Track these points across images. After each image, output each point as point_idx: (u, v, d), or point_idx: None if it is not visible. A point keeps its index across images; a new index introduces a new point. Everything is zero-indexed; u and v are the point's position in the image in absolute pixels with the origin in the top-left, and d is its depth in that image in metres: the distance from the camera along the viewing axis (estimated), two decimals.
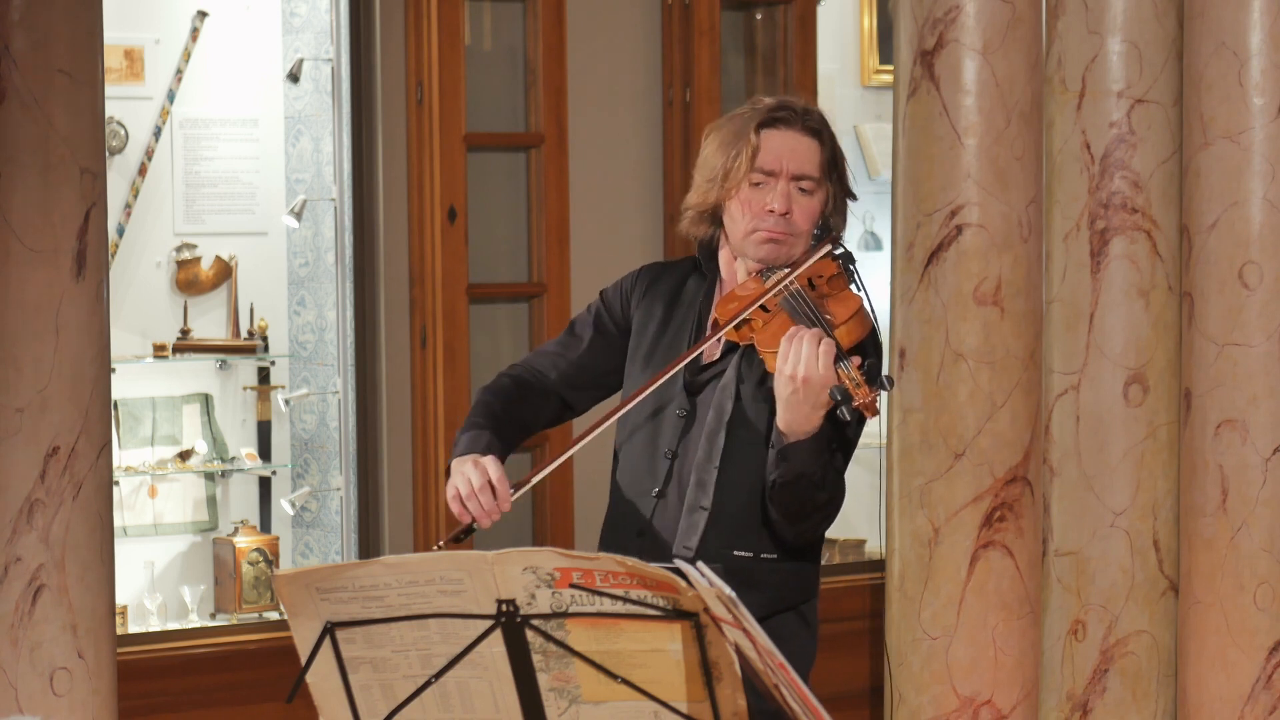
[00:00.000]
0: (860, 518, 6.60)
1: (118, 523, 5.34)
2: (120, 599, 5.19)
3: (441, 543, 3.63)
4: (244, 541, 5.83)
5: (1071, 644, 4.63)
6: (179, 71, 5.93)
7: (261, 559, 5.81)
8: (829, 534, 6.19)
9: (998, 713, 4.33)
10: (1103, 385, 4.60)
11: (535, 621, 2.76)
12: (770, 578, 3.60)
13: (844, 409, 3.41)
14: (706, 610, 2.71)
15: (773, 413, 3.56)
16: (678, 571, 2.71)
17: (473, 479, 3.55)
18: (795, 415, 3.45)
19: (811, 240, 3.67)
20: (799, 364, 3.43)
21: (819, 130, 3.71)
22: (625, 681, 2.78)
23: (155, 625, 5.68)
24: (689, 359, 3.61)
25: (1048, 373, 4.61)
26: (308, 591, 2.82)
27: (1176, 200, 4.56)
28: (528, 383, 3.79)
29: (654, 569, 2.71)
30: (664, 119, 5.79)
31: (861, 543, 6.33)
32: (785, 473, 3.49)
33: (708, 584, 2.67)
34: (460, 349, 5.60)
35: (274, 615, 5.72)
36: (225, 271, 6.03)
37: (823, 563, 6.05)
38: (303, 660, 2.85)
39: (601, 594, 2.73)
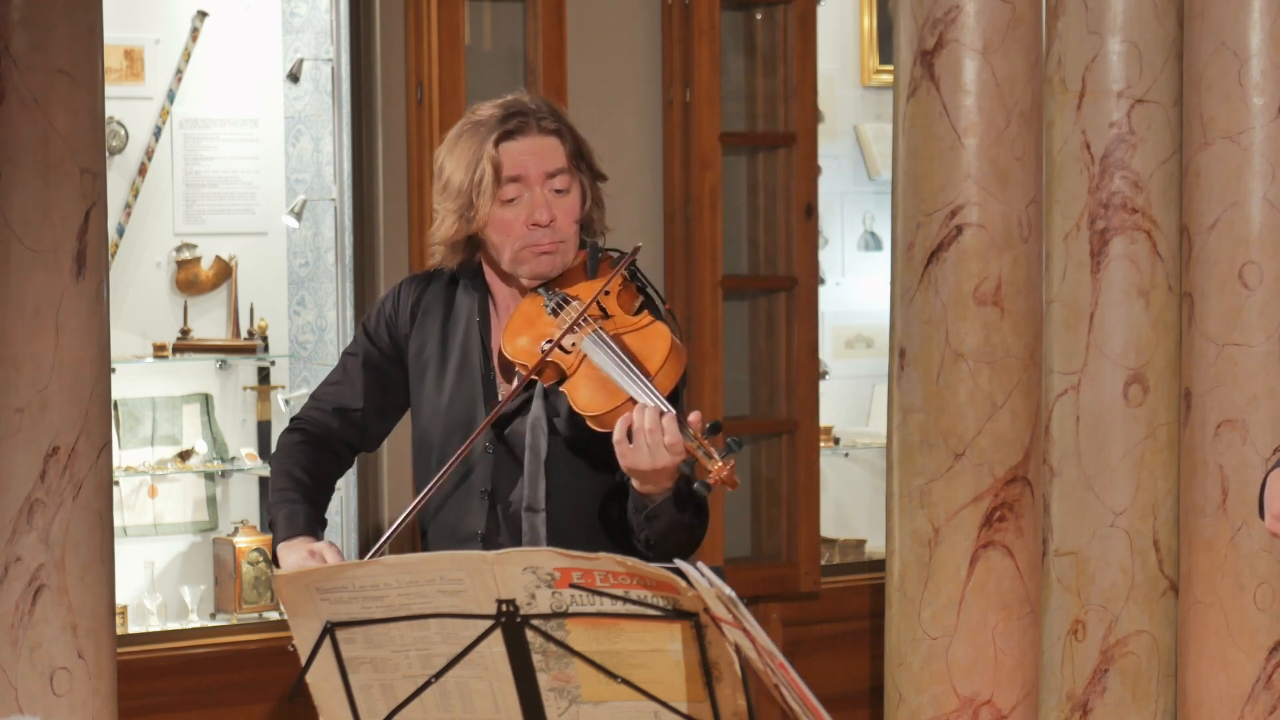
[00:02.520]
0: (861, 517, 6.61)
1: (118, 523, 5.33)
2: (120, 599, 5.18)
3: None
4: (244, 541, 5.82)
5: (1071, 644, 4.63)
6: (179, 71, 5.92)
7: (261, 559, 5.81)
8: (827, 534, 6.21)
9: (998, 713, 4.33)
10: (1103, 385, 4.60)
11: (535, 621, 2.76)
12: None
13: (698, 485, 3.20)
14: (706, 610, 2.71)
15: (592, 439, 3.40)
16: (678, 571, 2.71)
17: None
18: (655, 487, 3.33)
19: (586, 252, 3.51)
20: (653, 457, 3.25)
21: (557, 128, 3.54)
22: (625, 681, 2.78)
23: (155, 625, 5.67)
24: (503, 409, 3.44)
25: (1048, 373, 4.61)
26: (308, 591, 2.82)
27: (1176, 200, 4.56)
28: (319, 439, 3.63)
29: (654, 569, 2.71)
30: (664, 119, 5.77)
31: (862, 543, 6.32)
32: (657, 530, 3.39)
33: (708, 584, 2.67)
34: None
35: (274, 615, 5.71)
36: (225, 271, 6.02)
37: (822, 562, 6.07)
38: (303, 660, 2.85)
39: (601, 594, 2.73)
